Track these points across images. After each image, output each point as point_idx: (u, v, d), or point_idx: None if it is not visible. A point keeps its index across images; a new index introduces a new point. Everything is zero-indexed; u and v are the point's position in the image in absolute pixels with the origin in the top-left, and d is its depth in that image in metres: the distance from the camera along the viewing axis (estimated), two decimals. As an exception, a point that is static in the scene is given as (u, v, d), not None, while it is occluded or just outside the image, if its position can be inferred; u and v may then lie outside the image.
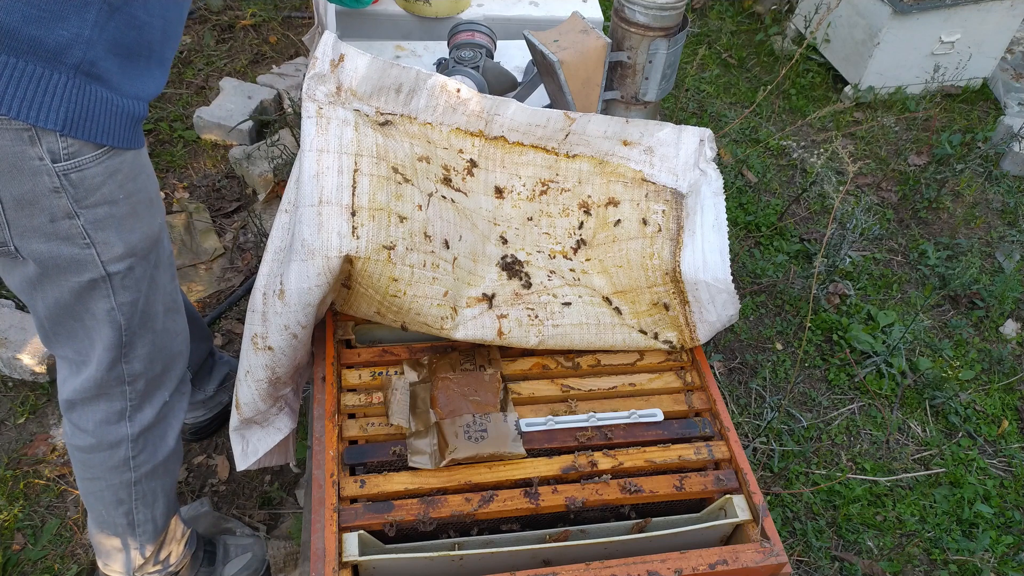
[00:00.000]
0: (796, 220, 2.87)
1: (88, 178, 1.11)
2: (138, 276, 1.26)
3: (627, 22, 1.45)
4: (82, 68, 1.03)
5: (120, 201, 1.16)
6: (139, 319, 1.30)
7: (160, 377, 1.41)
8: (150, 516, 1.51)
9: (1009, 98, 3.38)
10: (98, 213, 1.15)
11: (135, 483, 1.46)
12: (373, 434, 1.19)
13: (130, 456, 1.43)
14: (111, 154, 1.12)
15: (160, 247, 1.30)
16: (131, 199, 1.18)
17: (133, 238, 1.21)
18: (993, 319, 2.62)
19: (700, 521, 1.17)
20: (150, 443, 1.45)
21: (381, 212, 1.17)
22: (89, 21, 1.01)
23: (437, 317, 1.22)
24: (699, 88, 3.40)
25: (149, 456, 1.46)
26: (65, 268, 1.18)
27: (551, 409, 1.24)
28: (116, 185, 1.15)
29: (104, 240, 1.17)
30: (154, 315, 1.33)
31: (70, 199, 1.11)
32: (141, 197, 1.21)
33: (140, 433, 1.42)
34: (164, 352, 1.39)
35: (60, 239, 1.14)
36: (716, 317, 1.30)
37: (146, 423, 1.42)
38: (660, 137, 1.42)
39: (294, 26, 3.40)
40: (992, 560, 2.02)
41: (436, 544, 1.09)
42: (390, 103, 1.32)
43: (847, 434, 2.27)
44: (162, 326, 1.36)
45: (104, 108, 1.08)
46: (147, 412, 1.42)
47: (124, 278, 1.24)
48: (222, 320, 2.33)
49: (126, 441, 1.41)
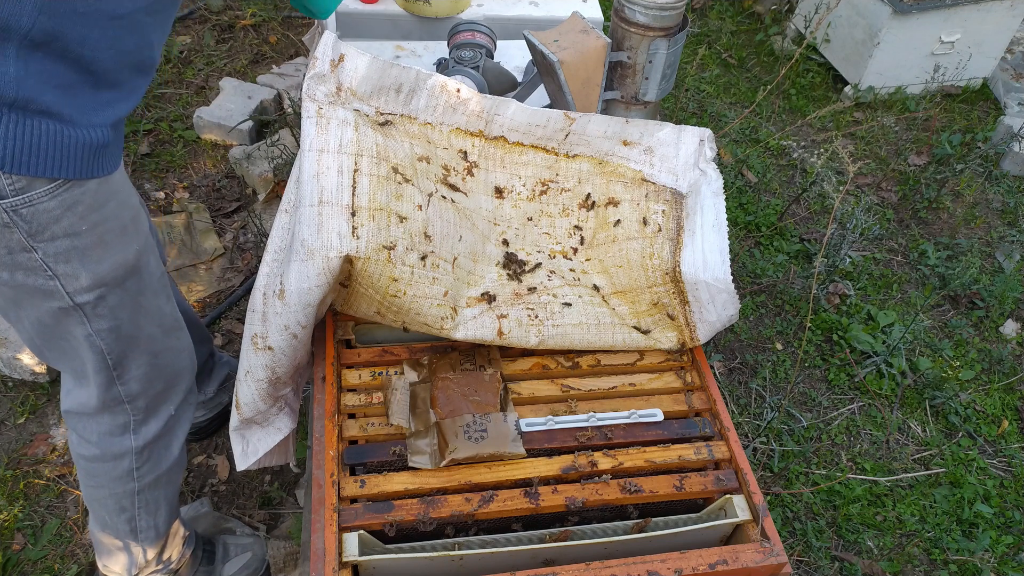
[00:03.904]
0: (796, 220, 2.87)
1: (42, 213, 1.06)
2: (114, 304, 1.21)
3: (627, 22, 1.45)
4: (18, 104, 0.98)
5: (83, 232, 1.12)
6: (125, 344, 1.27)
7: (163, 394, 1.40)
8: (152, 523, 1.52)
9: (1009, 98, 3.38)
10: (57, 246, 1.10)
11: (138, 492, 1.46)
12: (373, 434, 1.19)
13: (134, 467, 1.42)
14: (68, 186, 1.07)
15: (141, 273, 1.25)
16: (97, 229, 1.13)
17: (102, 268, 1.16)
18: (993, 319, 2.62)
19: (700, 521, 1.17)
20: (155, 454, 1.44)
21: (381, 212, 1.17)
22: (11, 58, 0.96)
23: (437, 317, 1.22)
24: (699, 88, 3.40)
25: (153, 466, 1.45)
26: (34, 295, 1.15)
27: (551, 409, 1.24)
28: (77, 217, 1.10)
29: (67, 272, 1.13)
30: (145, 338, 1.30)
31: (23, 234, 1.07)
32: (111, 226, 1.15)
33: (145, 446, 1.41)
34: (164, 371, 1.37)
35: (22, 270, 1.11)
36: (716, 317, 1.30)
37: (151, 436, 1.41)
38: (660, 137, 1.42)
39: (294, 26, 3.39)
40: (992, 560, 2.02)
41: (436, 544, 1.09)
42: (390, 103, 1.32)
43: (847, 434, 2.27)
44: (159, 347, 1.33)
45: (52, 141, 1.02)
46: (152, 425, 1.41)
47: (96, 307, 1.20)
48: (222, 320, 2.33)
49: (130, 453, 1.41)
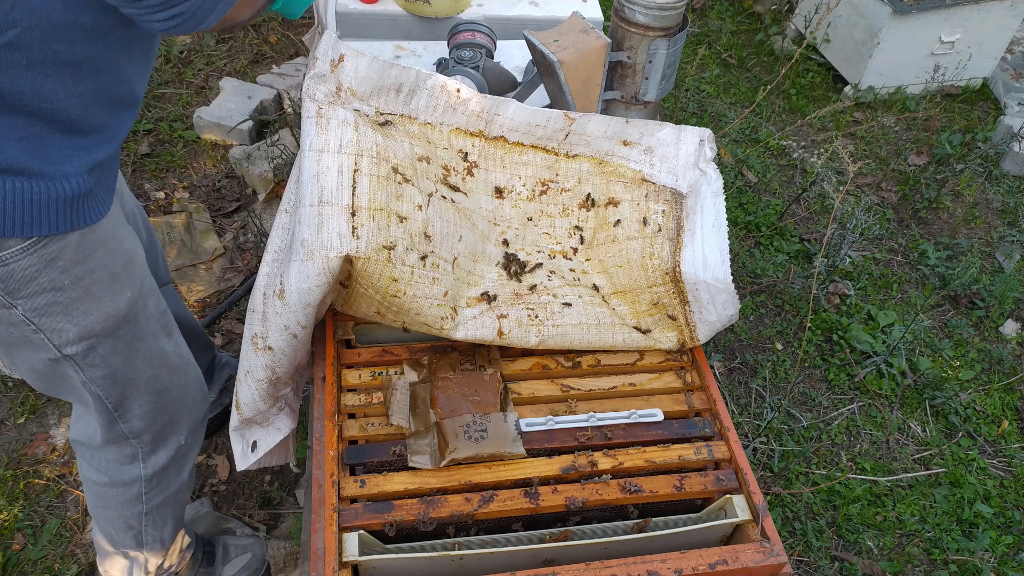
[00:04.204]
0: (796, 220, 2.87)
1: (17, 271, 1.03)
2: (105, 353, 1.18)
3: (627, 22, 1.45)
4: None
5: (66, 287, 1.08)
6: (123, 388, 1.24)
7: (169, 427, 1.38)
8: (158, 537, 1.52)
9: (1009, 98, 3.38)
10: (38, 302, 1.07)
11: (146, 513, 1.46)
12: (373, 434, 1.19)
13: (143, 492, 1.42)
14: (44, 243, 1.03)
15: (136, 319, 1.20)
16: (82, 282, 1.10)
17: (89, 320, 1.13)
18: (993, 319, 2.62)
19: (700, 521, 1.17)
20: (165, 479, 1.44)
21: (381, 212, 1.17)
22: None
23: (437, 317, 1.22)
24: (699, 88, 3.40)
25: (163, 490, 1.45)
26: (23, 345, 1.13)
27: (551, 409, 1.24)
28: (57, 272, 1.07)
29: (52, 326, 1.10)
30: (145, 380, 1.27)
31: (0, 292, 1.04)
32: (97, 276, 1.11)
33: (155, 474, 1.41)
34: (169, 406, 1.35)
35: (6, 324, 1.09)
36: (716, 317, 1.30)
37: (161, 465, 1.41)
38: (660, 137, 1.42)
39: (294, 26, 3.39)
40: (992, 560, 2.02)
41: (436, 544, 1.09)
42: (390, 103, 1.32)
43: (847, 434, 2.27)
44: (161, 386, 1.31)
45: (20, 199, 0.98)
46: (161, 455, 1.40)
47: (87, 357, 1.17)
48: (222, 320, 2.33)
49: (140, 480, 1.40)
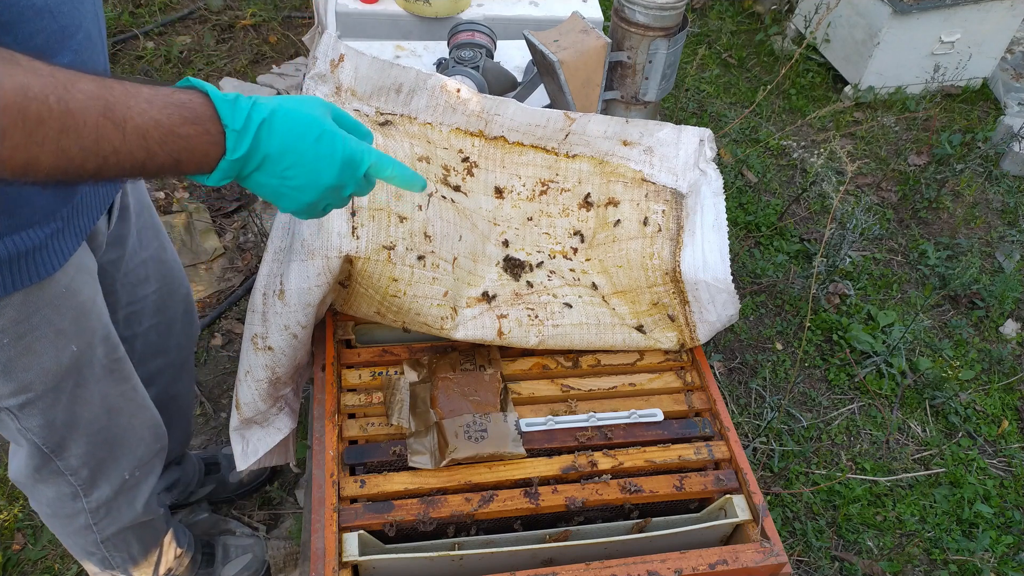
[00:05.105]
0: (796, 220, 2.87)
1: None
2: (45, 405, 1.15)
3: (627, 22, 1.45)
4: None
5: (5, 346, 1.04)
6: (61, 433, 1.20)
7: (110, 462, 1.31)
8: (128, 557, 1.48)
9: (1009, 98, 3.38)
10: None
11: (103, 541, 1.41)
12: (373, 434, 1.19)
13: (91, 523, 1.36)
14: None
15: (81, 370, 1.16)
16: (22, 340, 1.05)
17: (28, 376, 1.09)
18: (993, 319, 2.62)
19: (700, 521, 1.17)
20: (114, 511, 1.38)
21: (381, 212, 1.17)
22: None
23: (437, 317, 1.22)
24: (699, 88, 3.40)
25: (114, 521, 1.39)
26: None
27: (551, 409, 1.24)
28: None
29: None
30: (87, 422, 1.23)
31: None
32: (40, 333, 1.07)
33: (99, 506, 1.35)
34: (111, 442, 1.29)
35: None
36: (716, 317, 1.30)
37: (104, 498, 1.34)
38: (660, 137, 1.42)
39: (294, 26, 3.39)
40: (992, 560, 2.02)
41: (436, 544, 1.09)
42: (390, 103, 1.32)
43: (847, 434, 2.27)
44: (102, 424, 1.26)
45: None
46: (103, 489, 1.33)
47: (23, 408, 1.13)
48: (222, 320, 2.33)
49: (84, 512, 1.35)
